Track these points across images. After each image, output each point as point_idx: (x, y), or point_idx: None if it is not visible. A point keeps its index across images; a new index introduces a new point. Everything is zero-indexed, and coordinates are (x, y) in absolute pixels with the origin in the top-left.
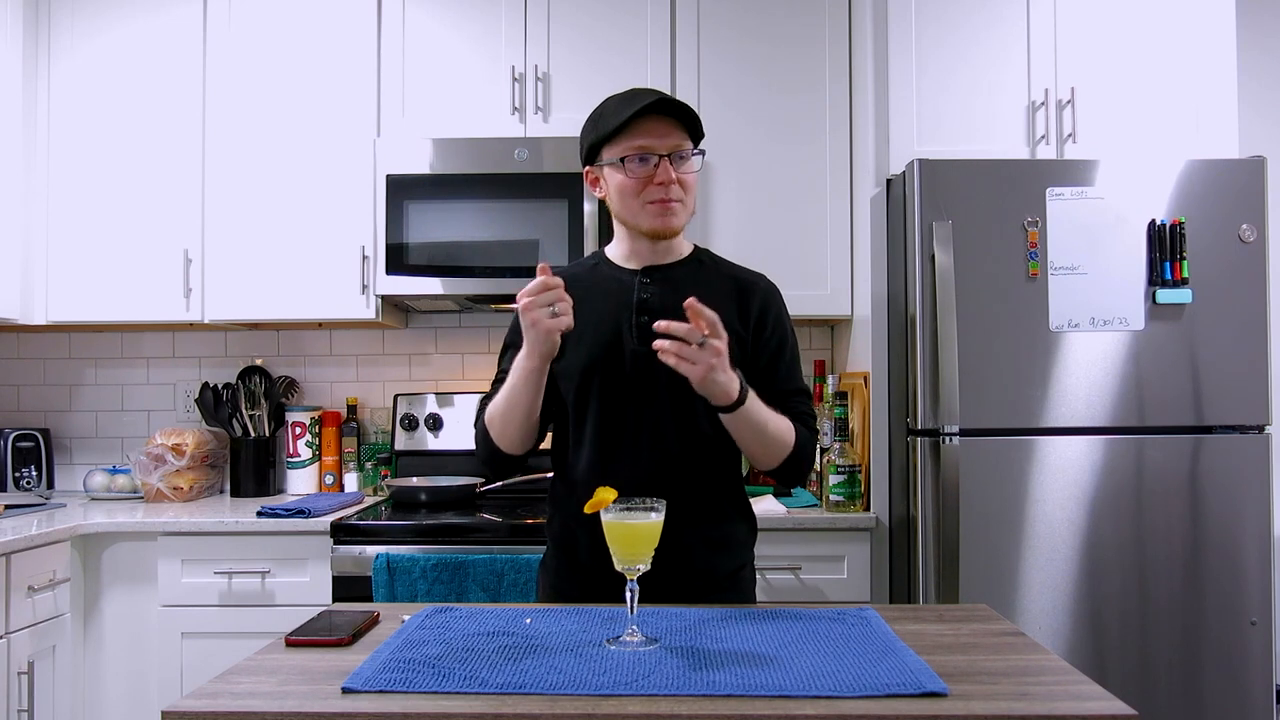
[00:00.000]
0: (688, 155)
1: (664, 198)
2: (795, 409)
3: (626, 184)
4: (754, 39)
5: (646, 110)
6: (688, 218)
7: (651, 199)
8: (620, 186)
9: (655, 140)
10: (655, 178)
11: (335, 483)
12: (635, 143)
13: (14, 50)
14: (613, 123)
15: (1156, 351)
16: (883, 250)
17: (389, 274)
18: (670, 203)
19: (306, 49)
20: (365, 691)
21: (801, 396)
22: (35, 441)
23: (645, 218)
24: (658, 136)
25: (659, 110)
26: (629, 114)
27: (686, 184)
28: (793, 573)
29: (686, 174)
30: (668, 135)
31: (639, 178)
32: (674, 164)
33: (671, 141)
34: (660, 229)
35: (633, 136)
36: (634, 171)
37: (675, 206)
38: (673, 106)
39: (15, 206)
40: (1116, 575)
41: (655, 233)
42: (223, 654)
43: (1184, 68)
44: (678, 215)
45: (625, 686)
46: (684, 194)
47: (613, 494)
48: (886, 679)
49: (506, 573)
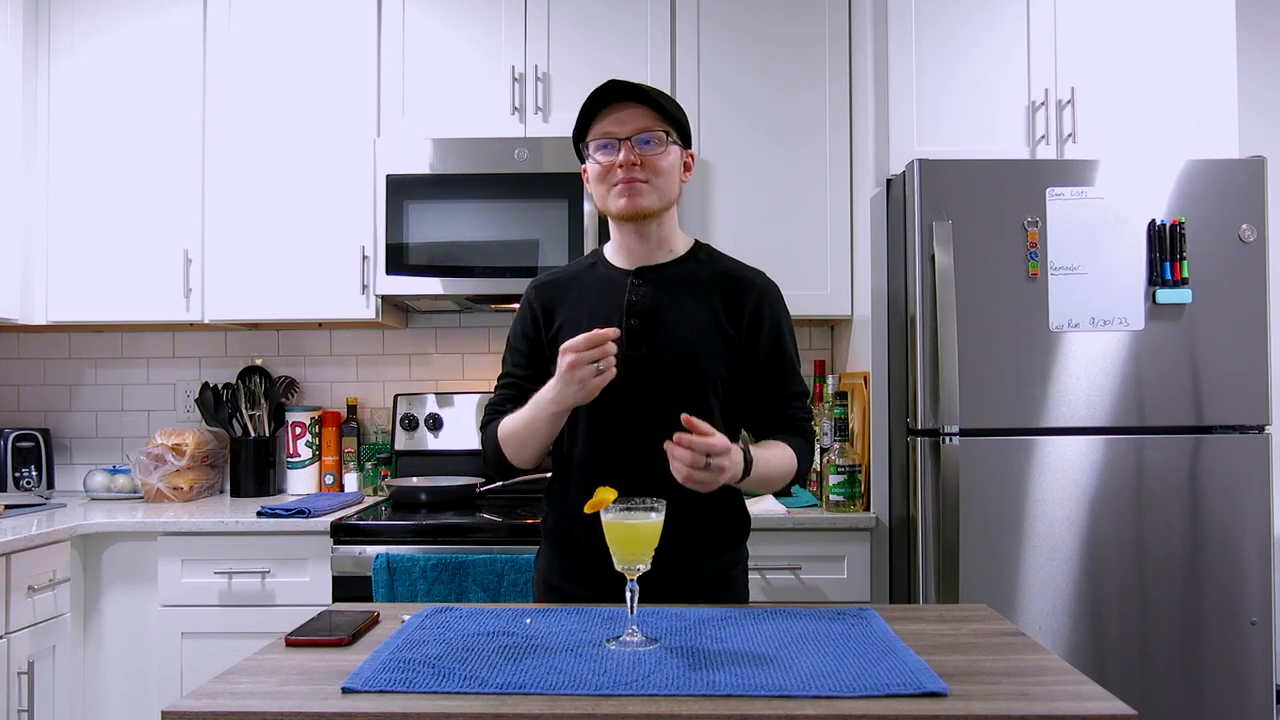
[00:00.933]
0: (655, 139)
1: (625, 178)
2: (793, 416)
3: (595, 171)
4: (754, 39)
5: (607, 97)
6: (660, 201)
7: (614, 180)
8: (592, 174)
9: (617, 126)
10: (617, 160)
11: (335, 483)
12: (600, 129)
13: (14, 50)
14: (580, 115)
15: (1156, 351)
16: (883, 250)
17: (389, 274)
18: (634, 182)
19: (306, 49)
20: (365, 691)
21: (799, 400)
22: (35, 441)
23: (612, 201)
24: (620, 122)
25: (618, 95)
26: (588, 103)
27: (655, 166)
28: (793, 573)
29: (654, 156)
30: (631, 120)
31: (604, 163)
32: (639, 147)
33: (634, 125)
34: (626, 209)
35: (599, 124)
36: (600, 157)
37: (639, 187)
38: (631, 90)
39: (15, 206)
40: (1116, 575)
41: (623, 214)
42: (223, 654)
43: (1184, 68)
44: (643, 195)
45: (625, 686)
46: (653, 175)
47: (613, 494)
48: (886, 679)
49: (506, 573)
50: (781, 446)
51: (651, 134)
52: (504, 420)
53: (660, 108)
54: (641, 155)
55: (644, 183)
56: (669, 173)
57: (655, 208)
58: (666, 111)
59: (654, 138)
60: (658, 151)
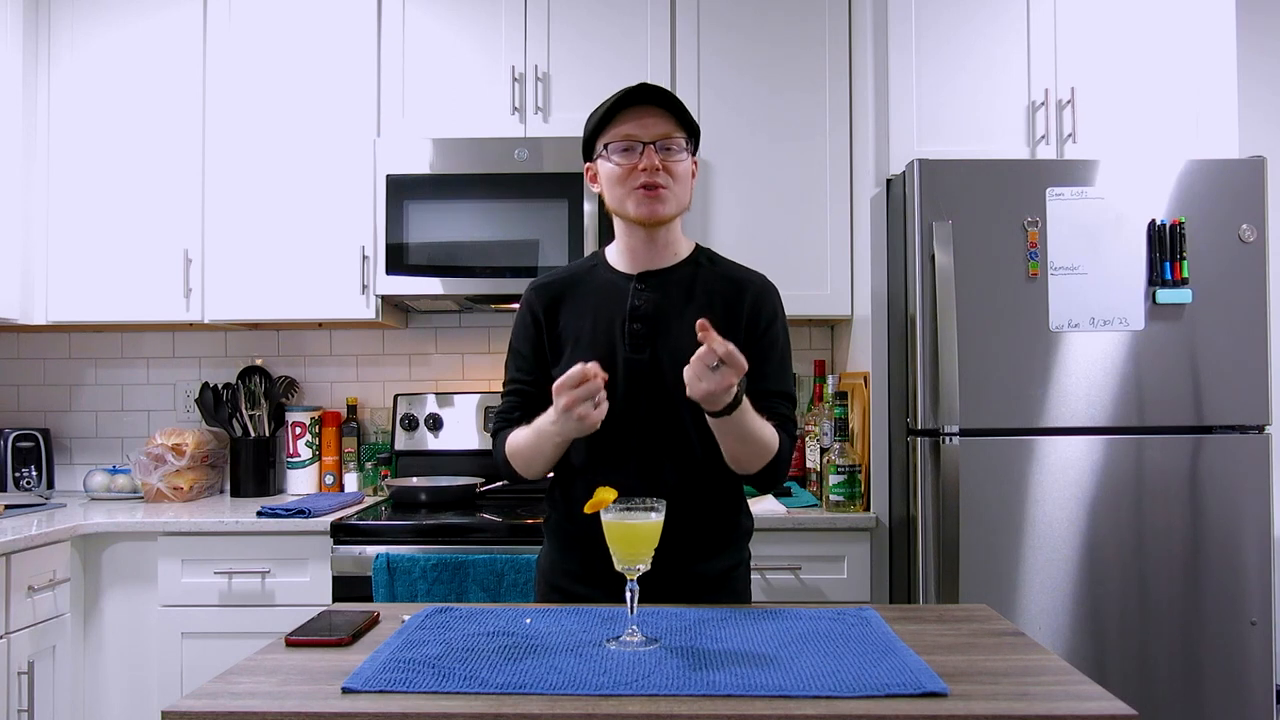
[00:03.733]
0: (676, 146)
1: (649, 182)
2: (776, 411)
3: (614, 172)
4: (754, 39)
5: (632, 99)
6: (677, 208)
7: (637, 184)
8: (609, 175)
9: (640, 129)
10: (640, 164)
11: (335, 483)
12: (621, 131)
13: (14, 50)
14: (601, 113)
15: (1156, 351)
16: (883, 250)
17: (389, 274)
18: (657, 189)
19: (306, 49)
20: (365, 691)
21: (784, 399)
22: (35, 441)
23: (632, 204)
24: (644, 126)
25: (644, 99)
26: (613, 102)
27: (675, 173)
28: (793, 573)
29: (674, 164)
30: (654, 125)
31: (625, 165)
32: (660, 153)
33: (658, 130)
34: (646, 216)
35: (620, 125)
36: (620, 159)
37: (663, 194)
38: (658, 95)
39: (15, 206)
40: (1116, 575)
41: (642, 220)
42: (223, 654)
43: (1184, 68)
44: (664, 202)
45: (625, 686)
46: (672, 183)
47: (613, 494)
48: (886, 679)
49: (506, 573)
50: (767, 424)
51: (673, 140)
52: (511, 435)
53: (682, 115)
54: (664, 161)
55: (665, 189)
56: (686, 180)
57: (673, 214)
58: (687, 119)
59: (675, 144)
60: (678, 159)
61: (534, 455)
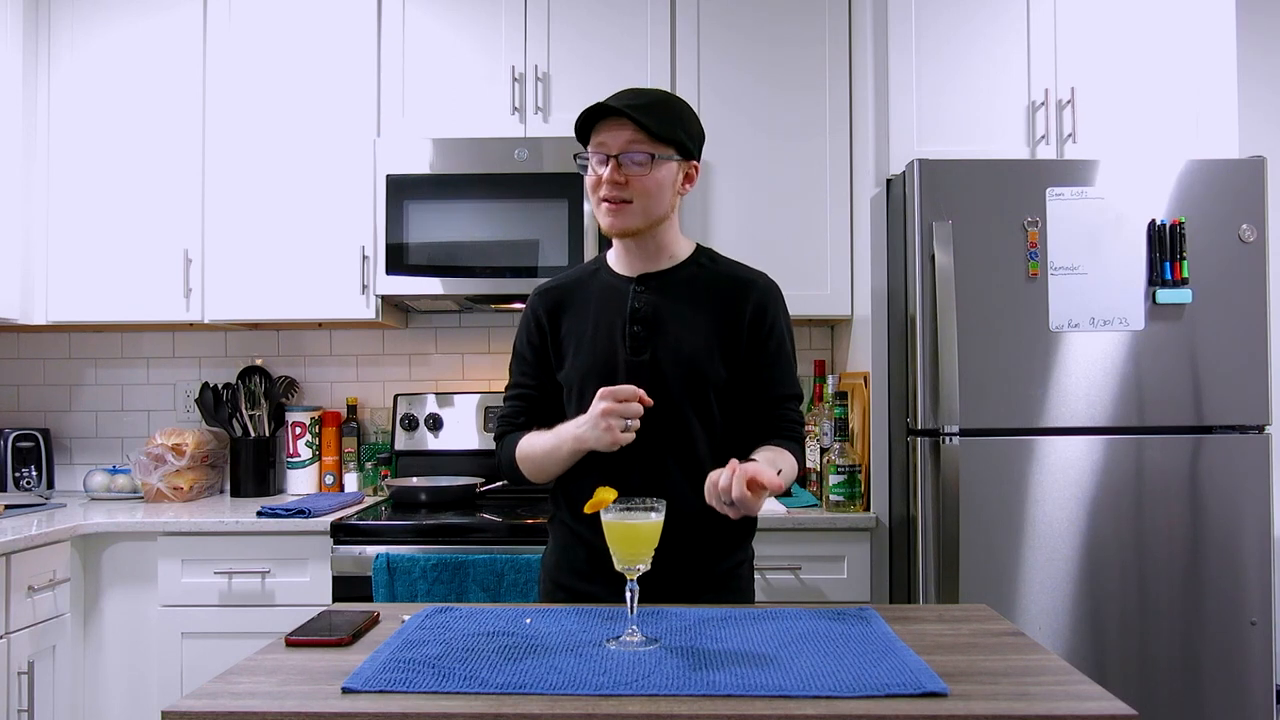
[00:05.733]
0: (641, 158)
1: (606, 196)
2: (786, 417)
3: (587, 183)
4: (754, 39)
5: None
6: (645, 220)
7: (601, 196)
8: (588, 184)
9: (610, 139)
10: (603, 175)
11: (335, 483)
12: (595, 140)
13: (14, 50)
14: (578, 124)
15: (1156, 351)
16: (883, 250)
17: (389, 274)
18: (617, 202)
19: (306, 49)
20: (365, 691)
21: (793, 402)
22: (35, 441)
23: (600, 216)
24: (613, 136)
25: (605, 113)
26: (578, 121)
27: (640, 186)
28: (793, 573)
29: (637, 176)
30: (620, 137)
31: (592, 178)
32: (626, 166)
33: (621, 142)
34: (608, 228)
35: (596, 134)
36: (594, 168)
37: (624, 207)
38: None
39: (15, 206)
40: (1116, 575)
41: (607, 233)
42: (223, 654)
43: (1184, 68)
44: (625, 215)
45: (625, 686)
46: (637, 195)
47: (613, 494)
48: (886, 679)
49: (506, 573)
50: (787, 456)
51: (637, 152)
52: (524, 440)
53: (649, 127)
54: (627, 174)
55: (627, 203)
56: (656, 192)
57: (638, 227)
58: (660, 130)
59: (639, 156)
60: (642, 172)
61: (548, 462)
